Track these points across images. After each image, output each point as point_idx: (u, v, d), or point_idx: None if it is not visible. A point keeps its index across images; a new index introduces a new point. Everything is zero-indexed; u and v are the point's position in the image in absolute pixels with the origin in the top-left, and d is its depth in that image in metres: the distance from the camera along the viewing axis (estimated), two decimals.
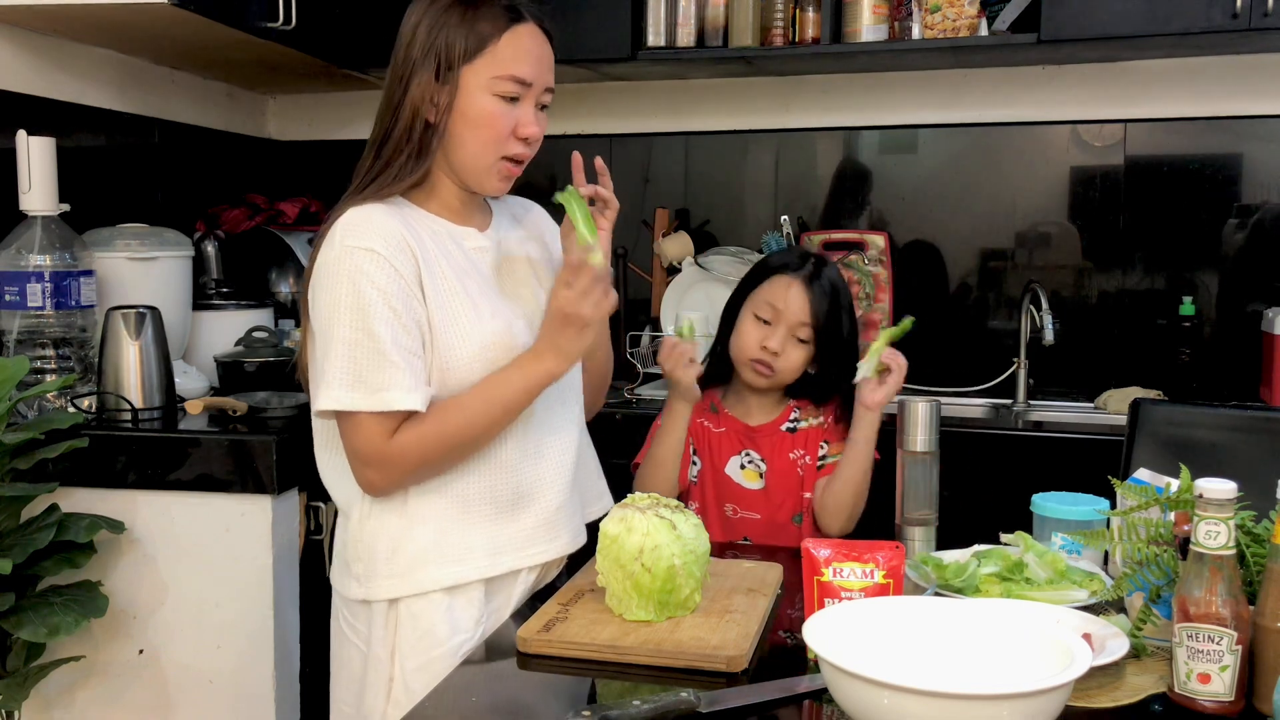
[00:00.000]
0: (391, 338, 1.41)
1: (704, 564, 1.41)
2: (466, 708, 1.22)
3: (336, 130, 3.44)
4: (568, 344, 1.44)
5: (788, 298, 1.87)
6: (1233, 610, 1.13)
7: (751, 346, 1.88)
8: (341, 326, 1.41)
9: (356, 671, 1.55)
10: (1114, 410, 2.71)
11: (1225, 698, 1.14)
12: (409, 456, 1.44)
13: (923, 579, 1.44)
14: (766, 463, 1.93)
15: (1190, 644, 1.15)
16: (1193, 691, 1.15)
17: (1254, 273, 2.90)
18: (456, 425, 1.44)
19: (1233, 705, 1.14)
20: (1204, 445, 2.01)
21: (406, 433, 1.43)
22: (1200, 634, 1.14)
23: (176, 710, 2.17)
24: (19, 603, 1.95)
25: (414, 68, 1.48)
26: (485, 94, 1.47)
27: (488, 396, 1.45)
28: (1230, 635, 1.13)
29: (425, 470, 1.47)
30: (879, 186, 3.16)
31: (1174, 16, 2.55)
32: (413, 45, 1.49)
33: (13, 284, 2.21)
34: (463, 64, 1.46)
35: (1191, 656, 1.15)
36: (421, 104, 1.47)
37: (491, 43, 1.47)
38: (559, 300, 1.43)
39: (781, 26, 2.86)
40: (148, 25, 2.46)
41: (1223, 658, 1.13)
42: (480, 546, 1.51)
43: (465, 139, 1.49)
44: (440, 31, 1.47)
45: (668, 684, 1.22)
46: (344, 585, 1.55)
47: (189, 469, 2.14)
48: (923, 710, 0.99)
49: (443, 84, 1.47)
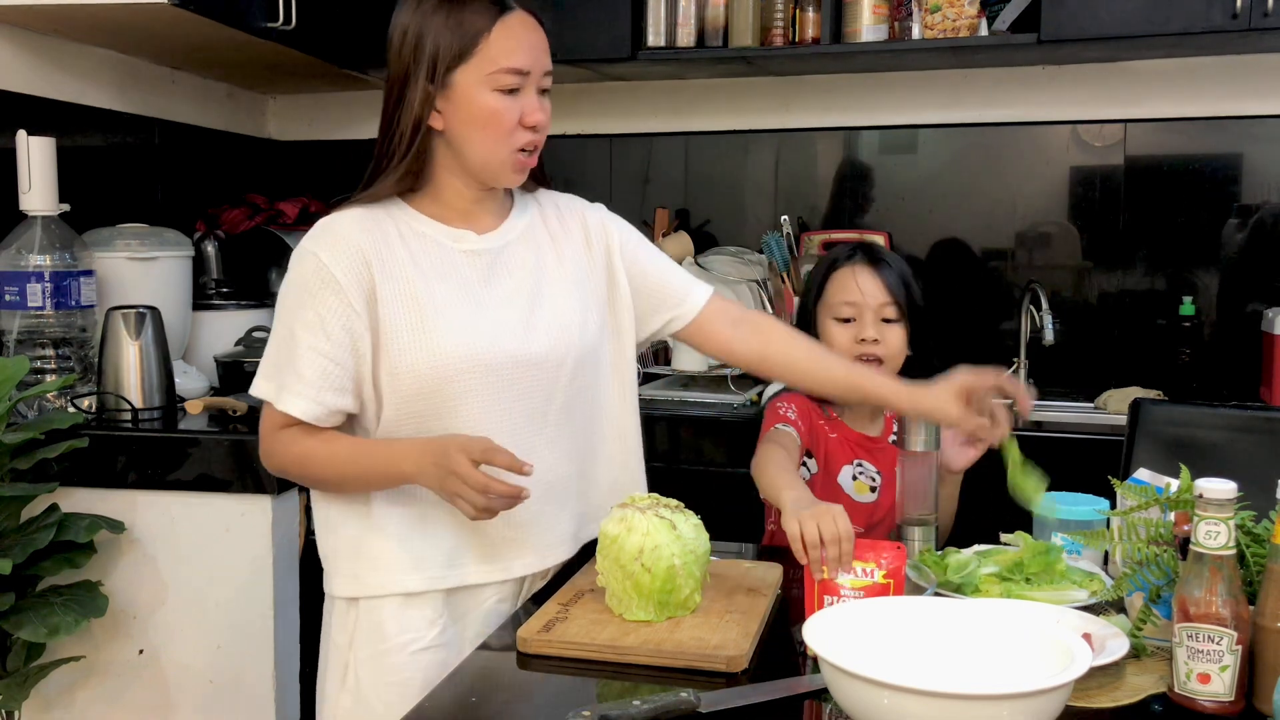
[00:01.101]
0: (308, 343, 1.44)
1: (704, 564, 1.41)
2: (466, 708, 1.22)
3: (336, 130, 3.44)
4: (431, 472, 1.39)
5: (860, 286, 1.85)
6: (1233, 610, 1.13)
7: (847, 347, 1.84)
8: (277, 321, 1.49)
9: (325, 651, 1.59)
10: (1114, 410, 2.71)
11: (1225, 698, 1.14)
12: (280, 458, 1.50)
13: (923, 579, 1.44)
14: (881, 475, 1.87)
15: (1190, 644, 1.14)
16: (1193, 691, 1.15)
17: (1254, 273, 2.90)
18: (318, 463, 1.48)
19: (1233, 705, 1.14)
20: (1204, 445, 2.01)
21: (287, 437, 1.47)
22: (1200, 634, 1.14)
23: (176, 710, 2.17)
24: (19, 603, 1.95)
25: (407, 74, 1.46)
26: (485, 91, 1.45)
27: (353, 455, 1.48)
28: (1230, 635, 1.13)
29: (293, 478, 1.57)
30: (879, 186, 3.15)
31: (1174, 16, 2.55)
32: (403, 50, 1.47)
33: (13, 284, 2.21)
34: (457, 65, 1.45)
35: (1191, 656, 1.15)
36: (420, 110, 1.46)
37: (482, 39, 1.44)
38: (458, 442, 1.38)
39: (781, 26, 2.86)
40: (148, 25, 2.46)
41: (1223, 658, 1.13)
42: (438, 558, 1.52)
43: (473, 139, 1.48)
44: (429, 35, 1.44)
45: (668, 684, 1.22)
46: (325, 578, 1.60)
47: (189, 469, 2.14)
48: (923, 710, 0.99)
49: (439, 87, 1.45)
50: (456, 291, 1.50)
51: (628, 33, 2.84)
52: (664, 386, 2.89)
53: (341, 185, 1.57)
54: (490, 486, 1.35)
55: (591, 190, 1.59)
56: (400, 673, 1.49)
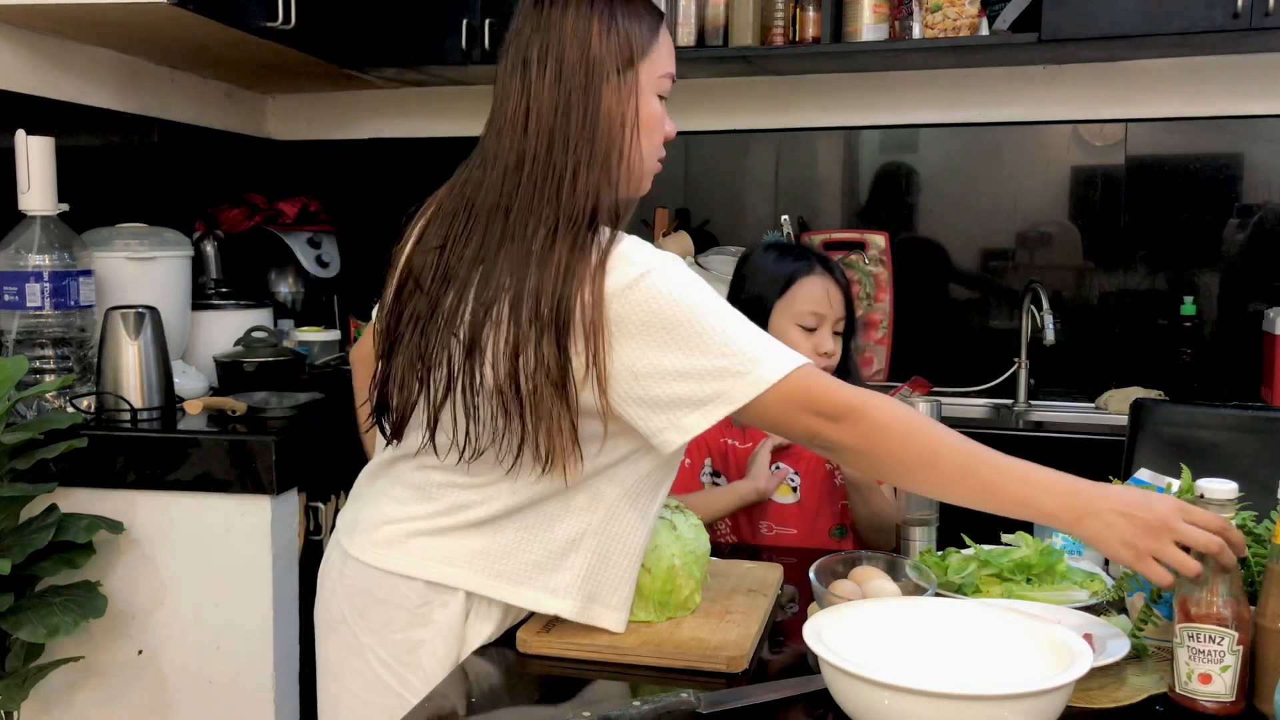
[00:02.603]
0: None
1: (704, 564, 1.41)
2: (467, 708, 1.22)
3: (336, 130, 3.44)
4: (1117, 526, 1.19)
5: (829, 297, 1.85)
6: (1234, 610, 1.13)
7: (809, 357, 1.84)
8: (716, 314, 1.27)
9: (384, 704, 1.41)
10: (1115, 410, 2.71)
11: (1226, 698, 1.13)
12: (897, 411, 1.28)
13: (923, 579, 1.44)
14: (801, 477, 1.89)
15: (1191, 644, 1.14)
16: (1194, 692, 1.14)
17: (1255, 273, 2.90)
18: (949, 438, 1.28)
19: (1234, 705, 1.14)
20: (1205, 445, 2.01)
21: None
22: (1201, 634, 1.13)
23: (176, 710, 2.17)
24: (18, 603, 1.95)
25: (602, 69, 1.30)
26: (652, 94, 1.36)
27: (994, 456, 1.27)
28: (1231, 635, 1.13)
29: (896, 438, 1.28)
30: (879, 186, 3.15)
31: (1174, 16, 2.55)
32: (590, 45, 1.30)
33: (12, 284, 2.21)
34: (640, 61, 1.33)
35: (1193, 657, 1.14)
36: (619, 109, 1.32)
37: (656, 38, 1.35)
38: (1166, 500, 1.20)
39: (782, 26, 2.86)
40: (148, 25, 2.46)
41: (1224, 658, 1.13)
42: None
43: (641, 145, 1.35)
44: (617, 27, 1.32)
45: (668, 684, 1.22)
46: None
47: (188, 469, 2.14)
48: (923, 710, 0.99)
49: (623, 87, 1.32)
50: None
51: None
52: None
53: (341, 185, 1.56)
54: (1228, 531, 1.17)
55: None
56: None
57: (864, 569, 1.42)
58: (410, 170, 3.27)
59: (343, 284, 3.25)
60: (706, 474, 1.90)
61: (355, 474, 1.52)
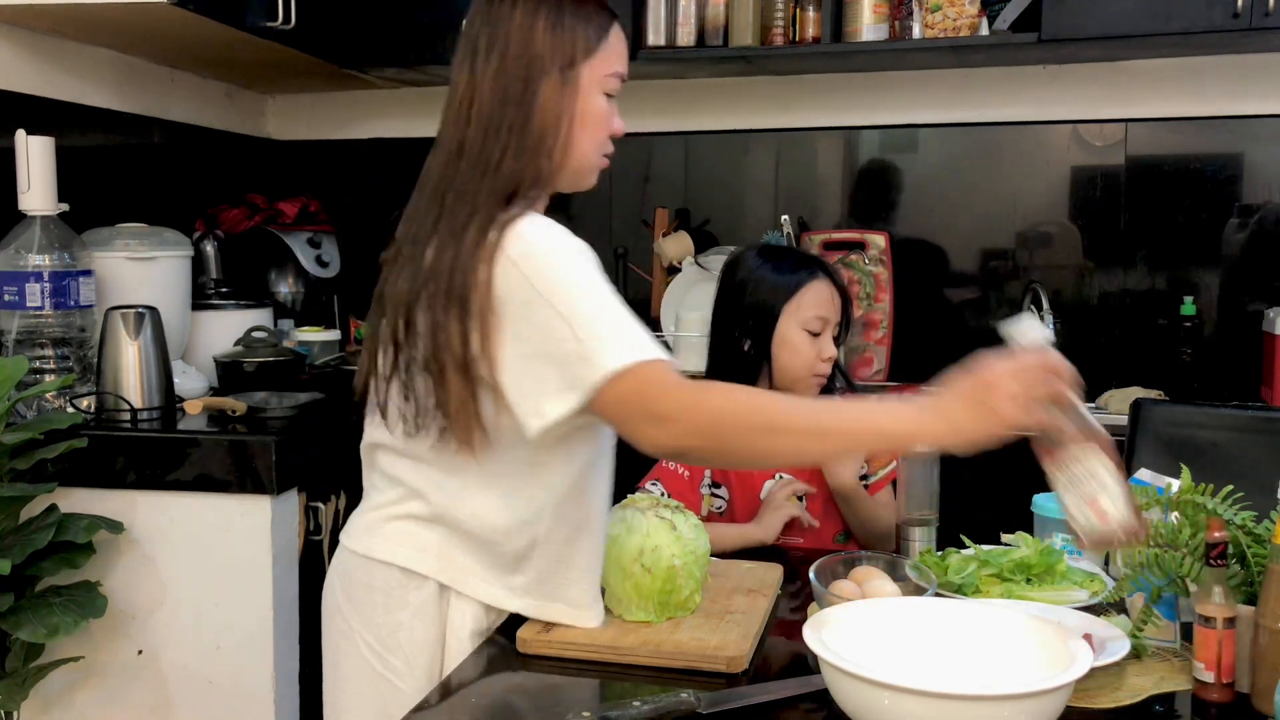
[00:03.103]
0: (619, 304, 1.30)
1: (704, 565, 1.41)
2: (466, 708, 1.22)
3: (336, 130, 3.44)
4: (963, 421, 1.19)
5: (833, 303, 1.87)
6: (1087, 432, 1.15)
7: (811, 359, 1.85)
8: (582, 293, 1.28)
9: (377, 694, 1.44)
10: (1115, 410, 2.71)
11: (1129, 522, 1.15)
12: (719, 400, 1.26)
13: (923, 579, 1.44)
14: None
15: (1073, 482, 1.17)
16: (1092, 529, 1.17)
17: (1255, 273, 2.90)
18: (783, 406, 1.28)
19: (1133, 527, 1.15)
20: (1205, 445, 2.01)
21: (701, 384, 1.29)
22: (1073, 463, 1.16)
23: (176, 710, 2.17)
24: (18, 603, 1.95)
25: (542, 66, 1.36)
26: (597, 92, 1.41)
27: (828, 403, 1.30)
28: (1099, 453, 1.15)
29: (728, 425, 1.25)
30: (879, 186, 3.15)
31: (1175, 16, 2.55)
32: (532, 42, 1.36)
33: (12, 284, 2.21)
34: (584, 61, 1.38)
35: (1072, 490, 1.17)
36: (554, 106, 1.37)
37: (605, 38, 1.40)
38: (985, 370, 1.20)
39: (782, 26, 2.86)
40: (148, 25, 2.45)
41: (1104, 479, 1.16)
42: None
43: (580, 140, 1.40)
44: (562, 27, 1.37)
45: (668, 684, 1.22)
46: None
47: (188, 469, 2.13)
48: (923, 710, 0.99)
49: (564, 84, 1.38)
50: None
51: (628, 33, 2.84)
52: None
53: (341, 185, 1.57)
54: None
55: (591, 190, 1.57)
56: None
57: (864, 569, 1.42)
58: (410, 170, 3.23)
59: (343, 284, 3.25)
60: (706, 485, 1.89)
61: (355, 474, 1.55)
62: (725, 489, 1.89)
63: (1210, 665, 1.16)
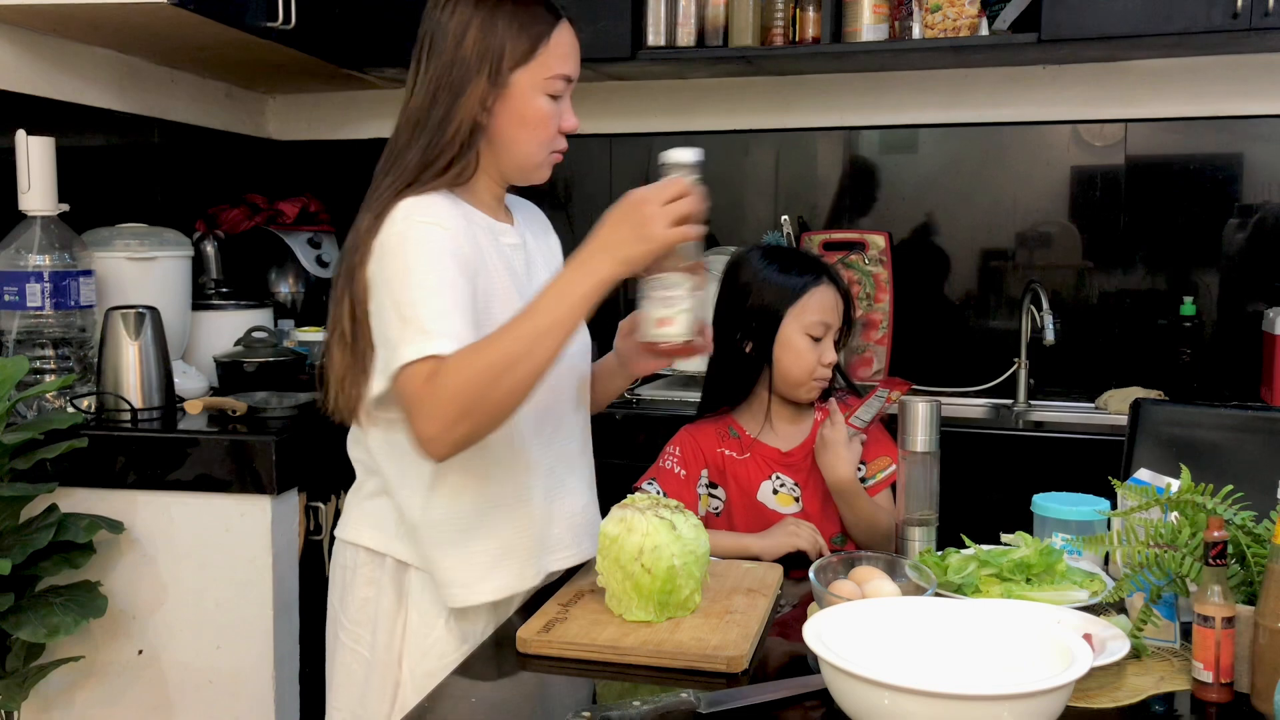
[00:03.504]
0: (449, 296, 1.36)
1: (704, 564, 1.41)
2: (466, 708, 1.22)
3: (336, 130, 3.44)
4: (621, 246, 1.31)
5: (836, 309, 1.87)
6: (693, 267, 1.34)
7: (811, 364, 1.85)
8: (407, 288, 1.35)
9: (356, 673, 1.55)
10: (1115, 410, 2.71)
11: (684, 337, 1.36)
12: (457, 385, 1.30)
13: (923, 579, 1.44)
14: (802, 487, 1.88)
15: (652, 294, 1.33)
16: (655, 336, 1.36)
17: (1255, 273, 2.90)
18: (499, 347, 1.31)
19: (686, 347, 1.38)
20: (1204, 445, 2.01)
21: (447, 369, 1.31)
22: (658, 283, 1.32)
23: (176, 710, 2.17)
24: (18, 603, 1.95)
25: (467, 71, 1.45)
26: (538, 94, 1.49)
27: (527, 310, 1.33)
28: (689, 282, 1.33)
29: (475, 405, 1.30)
30: (879, 186, 3.15)
31: (1174, 16, 2.55)
32: (462, 47, 1.46)
33: (12, 284, 2.21)
34: (518, 66, 1.47)
35: (653, 305, 1.35)
36: (479, 107, 1.46)
37: (543, 43, 1.48)
38: (631, 194, 1.33)
39: (782, 26, 2.86)
40: (148, 25, 2.46)
41: (682, 302, 1.34)
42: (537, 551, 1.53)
43: (519, 139, 1.50)
44: (495, 34, 1.46)
45: (668, 684, 1.22)
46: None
47: (188, 469, 2.14)
48: (923, 710, 0.99)
49: (494, 87, 1.46)
50: (517, 282, 1.52)
51: (628, 32, 2.84)
52: (664, 386, 2.89)
53: (341, 185, 1.59)
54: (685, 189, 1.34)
55: (591, 190, 1.57)
56: None
57: (864, 569, 1.43)
58: None
59: None
60: (703, 485, 1.89)
61: (355, 473, 1.62)
62: (722, 489, 1.89)
63: (1209, 665, 1.16)
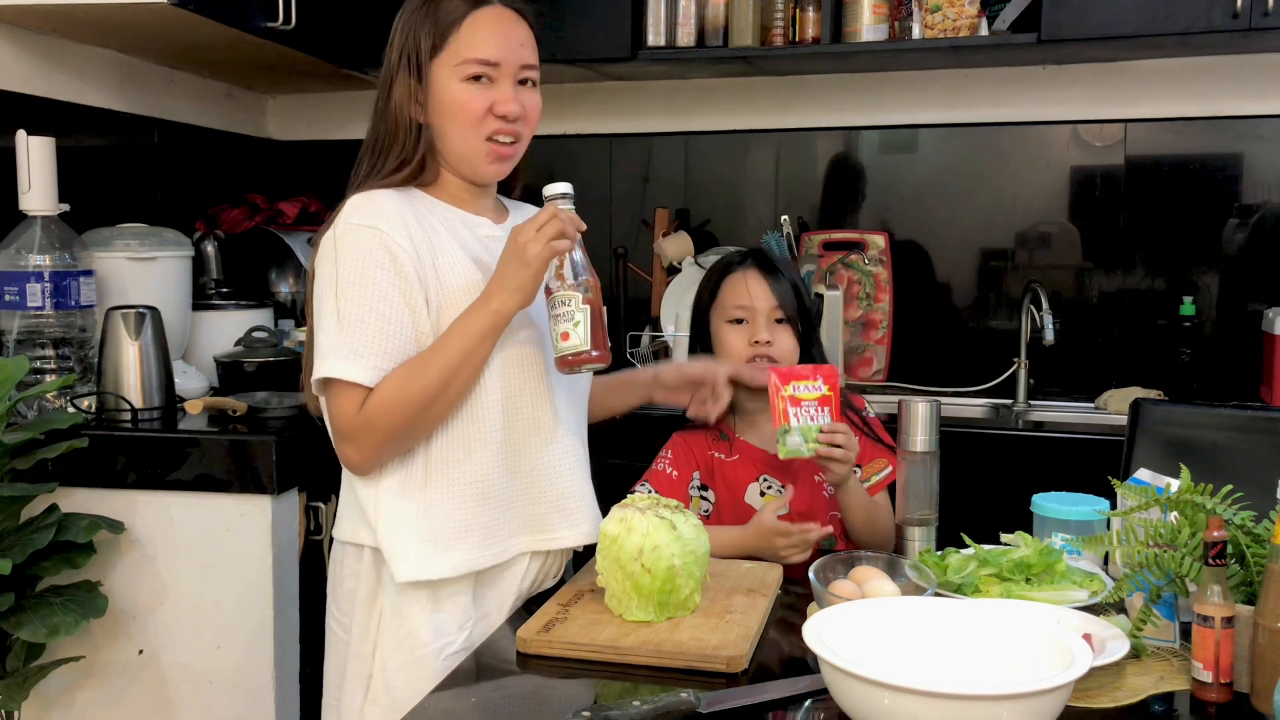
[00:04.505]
0: (380, 312, 1.44)
1: (704, 564, 1.41)
2: (466, 708, 1.22)
3: (336, 130, 3.44)
4: (511, 277, 1.43)
5: (749, 289, 1.85)
6: (592, 278, 1.45)
7: (741, 349, 1.84)
8: (342, 299, 1.44)
9: (339, 660, 1.58)
10: (1114, 410, 2.71)
11: (583, 348, 1.44)
12: (387, 416, 1.43)
13: (923, 579, 1.44)
14: (790, 489, 1.87)
15: (553, 312, 1.44)
16: (560, 350, 1.45)
17: (1254, 273, 2.90)
18: (420, 378, 1.43)
19: (595, 357, 1.45)
20: (1204, 445, 2.01)
21: (374, 403, 1.43)
22: (555, 301, 1.43)
23: (176, 710, 2.17)
24: (19, 603, 1.95)
25: (393, 72, 1.53)
26: (453, 82, 1.51)
27: (447, 338, 1.45)
28: (577, 296, 1.43)
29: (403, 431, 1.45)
30: (879, 186, 3.15)
31: (1174, 16, 2.55)
32: (392, 49, 1.54)
33: (12, 284, 2.21)
34: (431, 59, 1.51)
35: (555, 321, 1.44)
36: (406, 105, 1.52)
37: (453, 32, 1.51)
38: (513, 232, 1.45)
39: (781, 26, 2.86)
40: (147, 25, 2.45)
41: (574, 316, 1.43)
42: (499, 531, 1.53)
43: (446, 130, 1.53)
44: (410, 32, 1.53)
45: (668, 684, 1.22)
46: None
47: (189, 469, 2.14)
48: (923, 710, 0.99)
49: (419, 83, 1.52)
50: (479, 267, 1.53)
51: (628, 33, 2.84)
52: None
53: (342, 185, 1.58)
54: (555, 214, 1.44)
55: (591, 190, 1.58)
56: (434, 680, 1.48)
57: (864, 569, 1.43)
58: None
59: None
60: (695, 487, 1.88)
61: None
62: (712, 491, 1.89)
63: (1209, 665, 1.16)
